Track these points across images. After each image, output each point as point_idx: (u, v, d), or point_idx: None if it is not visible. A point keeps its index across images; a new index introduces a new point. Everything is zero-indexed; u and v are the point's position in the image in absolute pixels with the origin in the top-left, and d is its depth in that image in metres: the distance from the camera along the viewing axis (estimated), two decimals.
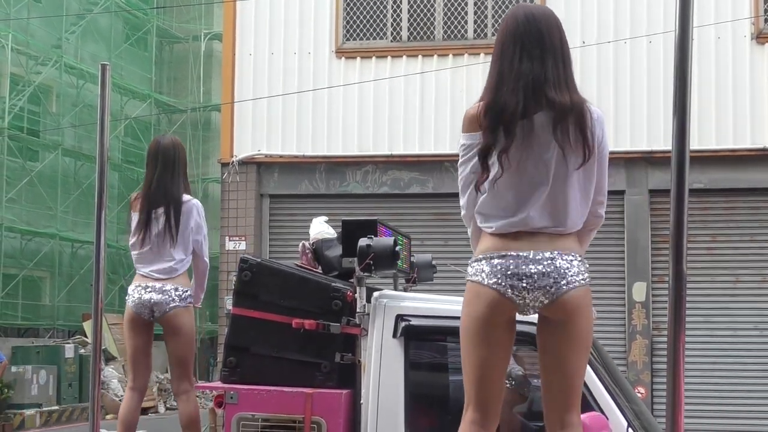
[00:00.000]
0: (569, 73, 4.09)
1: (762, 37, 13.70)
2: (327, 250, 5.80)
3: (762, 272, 13.63)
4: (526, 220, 4.02)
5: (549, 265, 3.98)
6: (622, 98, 13.72)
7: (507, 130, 3.97)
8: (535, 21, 4.09)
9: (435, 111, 14.26)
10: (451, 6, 14.45)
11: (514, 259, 3.99)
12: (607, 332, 13.19)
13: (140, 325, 6.90)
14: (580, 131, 3.99)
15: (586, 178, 4.07)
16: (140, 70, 29.20)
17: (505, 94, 3.99)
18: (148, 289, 6.82)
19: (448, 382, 5.61)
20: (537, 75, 4.01)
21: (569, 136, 3.98)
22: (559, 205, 4.03)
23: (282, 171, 14.57)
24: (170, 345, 6.92)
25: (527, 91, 3.98)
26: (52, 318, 26.02)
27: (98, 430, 5.07)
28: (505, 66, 4.05)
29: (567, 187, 4.02)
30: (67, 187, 26.13)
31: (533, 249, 4.00)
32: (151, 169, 7.03)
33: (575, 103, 4.01)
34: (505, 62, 4.06)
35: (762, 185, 13.57)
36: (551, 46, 4.06)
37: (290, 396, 5.27)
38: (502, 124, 3.97)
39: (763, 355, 13.47)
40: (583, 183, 4.06)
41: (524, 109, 3.97)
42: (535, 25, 4.08)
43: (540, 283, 3.97)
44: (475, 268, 4.07)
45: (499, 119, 3.97)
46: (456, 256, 12.53)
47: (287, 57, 14.67)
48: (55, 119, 26.32)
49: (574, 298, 4.00)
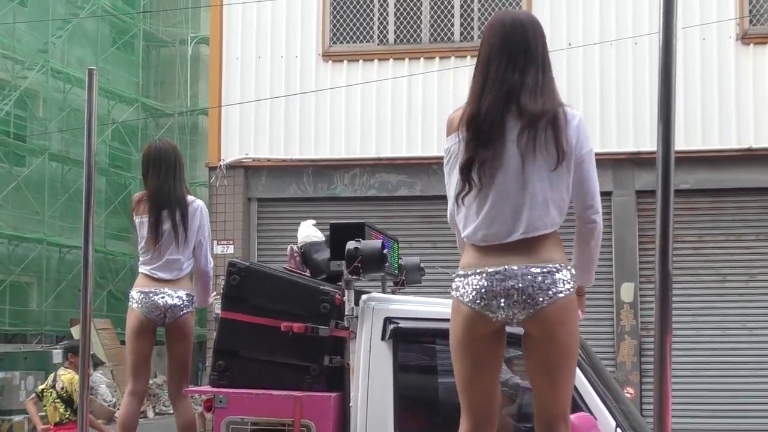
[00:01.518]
0: (547, 80, 4.09)
1: (747, 38, 13.75)
2: (315, 253, 5.80)
3: (749, 272, 13.68)
4: (500, 231, 4.02)
5: (526, 281, 3.96)
6: (608, 99, 13.76)
7: (486, 143, 3.98)
8: (522, 28, 4.10)
9: (422, 114, 14.27)
10: (437, 9, 14.47)
11: (489, 277, 4.00)
12: (595, 333, 13.22)
13: (149, 331, 6.84)
14: (553, 135, 3.98)
15: (559, 179, 4.04)
16: (127, 74, 29.14)
17: (488, 104, 4.00)
18: (162, 294, 6.77)
19: (437, 384, 5.62)
20: (515, 83, 4.02)
21: (538, 141, 3.97)
22: (533, 210, 4.00)
23: (270, 174, 14.57)
24: (175, 349, 6.88)
25: (508, 98, 4.00)
26: (40, 323, 25.94)
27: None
28: (490, 73, 4.06)
29: (538, 189, 4.01)
30: (55, 191, 26.05)
31: (509, 264, 3.99)
32: (155, 172, 6.92)
33: (547, 109, 3.99)
34: (491, 69, 4.07)
35: (748, 185, 13.62)
36: (535, 54, 4.08)
37: (279, 399, 5.27)
38: (482, 136, 3.98)
39: (750, 355, 13.52)
40: (556, 184, 4.04)
41: (502, 119, 3.99)
42: (522, 33, 4.09)
43: (515, 300, 3.98)
44: (456, 283, 4.11)
45: (480, 131, 3.99)
46: (444, 258, 12.56)
47: (274, 60, 14.67)
48: (41, 124, 26.24)
49: (554, 312, 3.99)
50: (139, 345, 6.86)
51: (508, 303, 3.97)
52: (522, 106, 3.99)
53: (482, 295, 4.00)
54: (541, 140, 3.97)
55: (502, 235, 4.02)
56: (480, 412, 4.12)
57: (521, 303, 3.97)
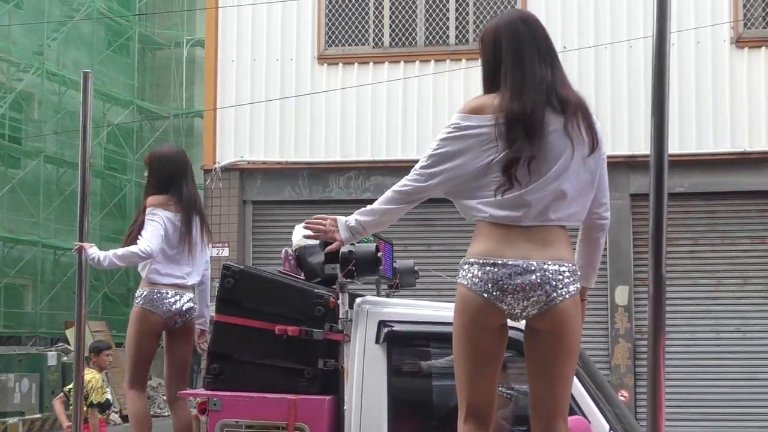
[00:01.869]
0: (564, 73, 4.20)
1: (741, 41, 13.78)
2: (310, 256, 5.80)
3: (743, 275, 13.70)
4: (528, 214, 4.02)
5: (541, 276, 3.98)
6: (603, 103, 13.77)
7: (533, 139, 3.99)
8: (539, 25, 4.20)
9: (417, 116, 14.28)
10: (432, 12, 14.48)
11: (507, 268, 3.98)
12: (590, 336, 13.23)
13: (160, 334, 6.83)
14: (586, 122, 4.07)
15: (587, 170, 4.11)
16: (122, 76, 29.13)
17: (533, 101, 4.01)
18: (183, 297, 6.76)
19: (431, 387, 5.62)
20: (550, 78, 4.09)
21: (579, 129, 4.05)
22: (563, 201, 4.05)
23: (265, 177, 14.57)
24: (181, 351, 6.86)
25: (548, 94, 4.05)
26: (35, 326, 25.92)
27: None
28: (526, 70, 4.07)
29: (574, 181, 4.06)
30: (50, 194, 26.04)
31: (526, 258, 3.99)
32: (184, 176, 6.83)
33: (579, 99, 4.11)
34: (526, 66, 4.08)
35: (743, 188, 13.65)
36: (554, 49, 4.20)
37: (274, 402, 5.27)
38: (530, 133, 3.98)
39: (744, 358, 13.54)
40: (585, 176, 4.11)
41: (544, 114, 4.02)
42: (542, 29, 4.19)
43: (531, 295, 3.98)
44: (467, 271, 4.05)
45: (527, 129, 3.98)
46: (439, 261, 12.57)
47: (269, 63, 14.67)
48: (37, 126, 26.23)
49: (565, 309, 4.01)
50: (152, 347, 6.80)
51: (525, 296, 3.98)
52: (561, 99, 4.05)
53: (499, 286, 3.98)
54: (581, 128, 4.05)
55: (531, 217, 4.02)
56: (481, 408, 4.11)
57: (536, 298, 3.98)
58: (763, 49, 13.78)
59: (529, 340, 4.15)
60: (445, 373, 5.60)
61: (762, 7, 13.92)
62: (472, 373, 4.09)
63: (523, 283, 3.97)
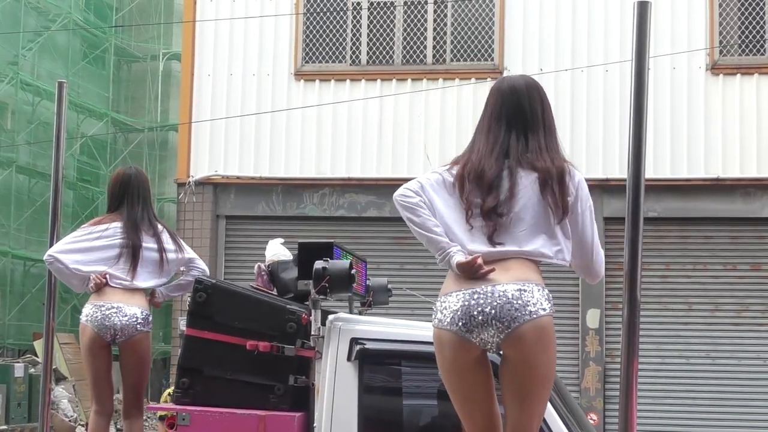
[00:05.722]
0: (550, 139, 4.28)
1: (716, 68, 13.87)
2: (283, 272, 5.79)
3: (714, 301, 13.75)
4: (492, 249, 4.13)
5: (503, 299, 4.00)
6: (578, 126, 13.82)
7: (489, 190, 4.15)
8: (518, 95, 4.32)
9: (393, 135, 14.29)
10: (410, 31, 14.51)
11: (467, 298, 4.04)
12: (560, 359, 13.18)
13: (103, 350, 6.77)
14: (560, 192, 4.15)
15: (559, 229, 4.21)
16: (97, 88, 28.99)
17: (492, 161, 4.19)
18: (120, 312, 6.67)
19: (402, 406, 5.61)
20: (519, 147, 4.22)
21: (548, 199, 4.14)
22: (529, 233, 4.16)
23: (239, 192, 14.53)
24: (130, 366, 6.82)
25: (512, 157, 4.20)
26: (2, 337, 25.69)
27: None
28: (491, 139, 4.24)
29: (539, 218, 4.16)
30: (21, 204, 25.87)
31: (485, 284, 4.03)
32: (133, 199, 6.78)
33: (557, 167, 4.18)
34: (491, 136, 4.24)
35: (715, 215, 13.72)
36: (533, 118, 4.27)
37: (243, 418, 5.24)
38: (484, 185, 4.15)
39: (714, 383, 13.58)
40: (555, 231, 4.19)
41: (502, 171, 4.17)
42: (518, 99, 4.30)
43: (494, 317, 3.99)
44: (435, 312, 4.16)
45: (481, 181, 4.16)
46: (412, 280, 12.56)
47: (246, 78, 14.65)
48: (10, 136, 26.06)
49: (530, 330, 4.00)
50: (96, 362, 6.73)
51: (486, 321, 3.98)
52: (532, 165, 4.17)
53: (460, 316, 4.02)
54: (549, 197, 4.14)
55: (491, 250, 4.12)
56: (484, 423, 4.18)
57: (498, 321, 3.98)
58: (738, 76, 13.88)
59: (502, 367, 4.17)
60: (416, 392, 5.60)
61: (738, 34, 14.03)
62: (467, 406, 4.16)
63: (482, 306, 4.01)
